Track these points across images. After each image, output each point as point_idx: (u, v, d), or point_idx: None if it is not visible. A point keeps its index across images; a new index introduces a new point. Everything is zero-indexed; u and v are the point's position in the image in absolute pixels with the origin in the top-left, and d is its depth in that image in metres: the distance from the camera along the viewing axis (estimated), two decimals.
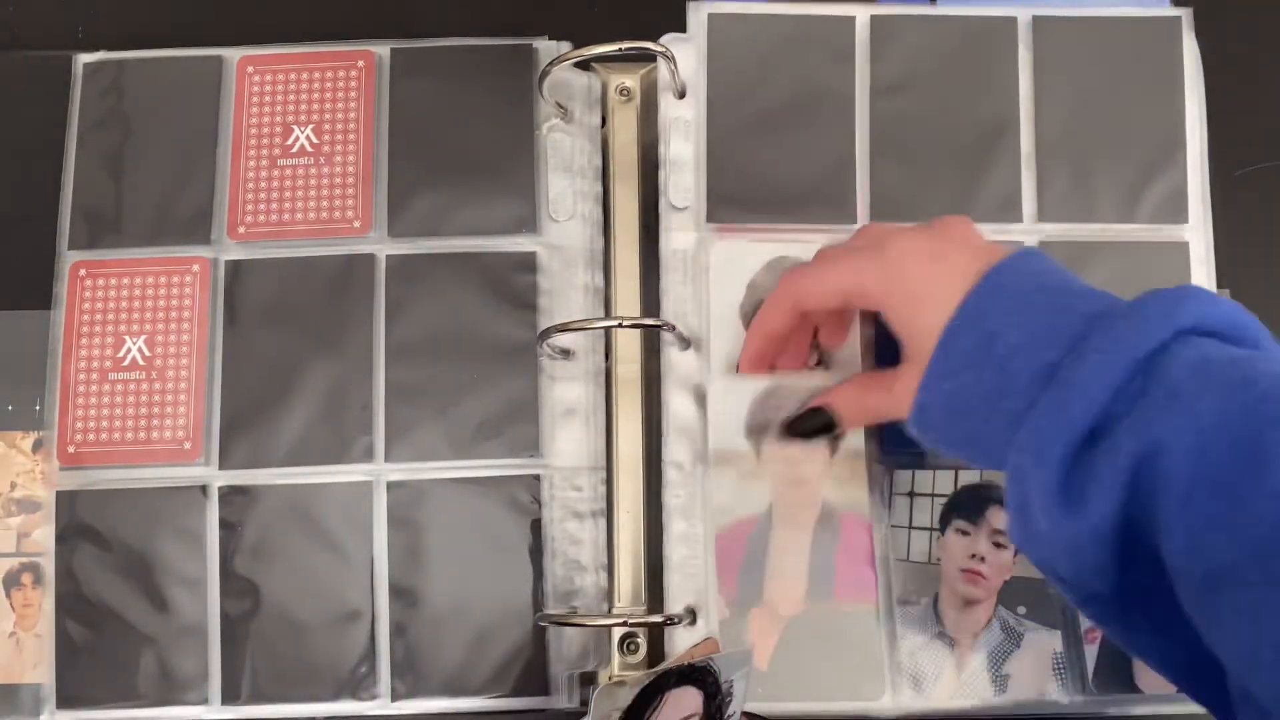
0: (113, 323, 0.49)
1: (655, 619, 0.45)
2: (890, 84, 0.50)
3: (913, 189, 0.49)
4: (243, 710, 0.46)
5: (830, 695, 0.45)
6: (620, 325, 0.48)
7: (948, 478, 0.47)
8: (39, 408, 0.49)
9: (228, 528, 0.47)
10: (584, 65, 0.50)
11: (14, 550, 0.48)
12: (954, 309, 0.37)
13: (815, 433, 0.45)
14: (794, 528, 0.46)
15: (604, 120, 0.51)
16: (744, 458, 0.46)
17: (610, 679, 0.46)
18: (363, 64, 0.51)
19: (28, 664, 0.47)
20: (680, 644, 0.46)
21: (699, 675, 0.42)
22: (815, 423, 0.45)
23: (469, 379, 0.48)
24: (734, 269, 0.48)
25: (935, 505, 0.47)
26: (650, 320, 0.47)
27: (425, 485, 0.47)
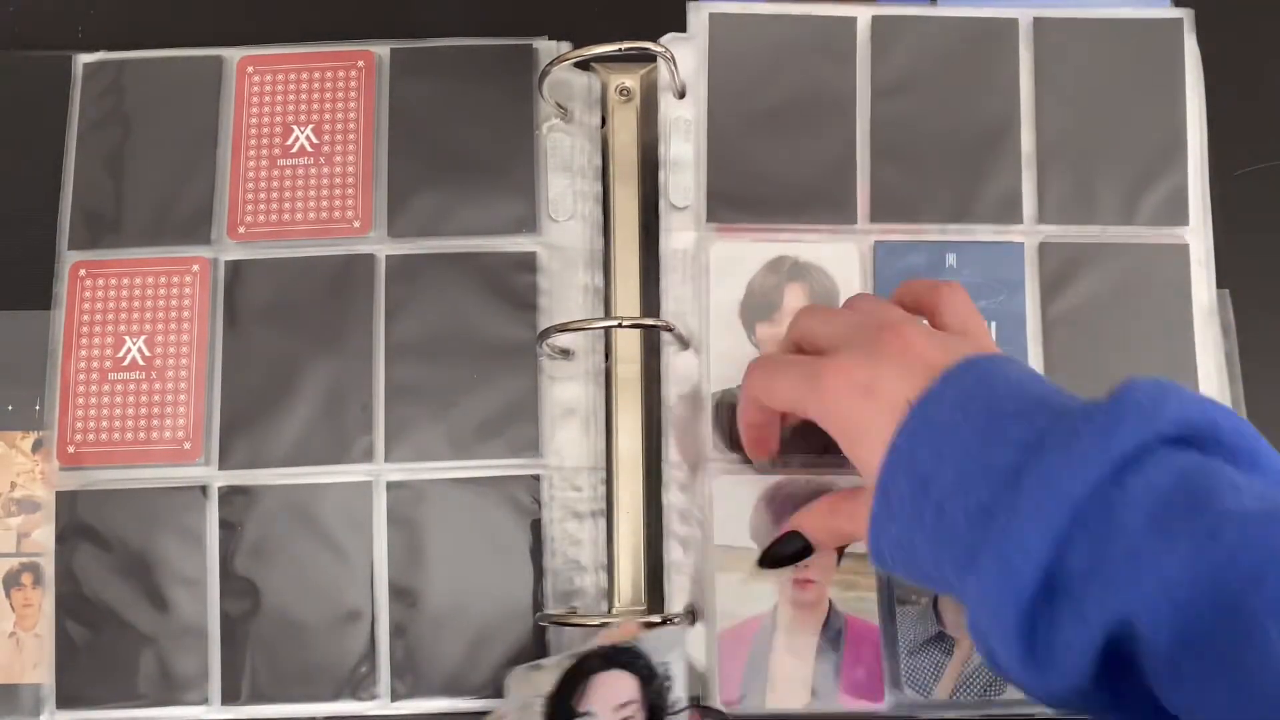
0: (113, 323, 0.49)
1: (655, 619, 0.45)
2: (891, 85, 0.50)
3: (913, 189, 0.49)
4: (243, 710, 0.46)
5: None
6: (620, 325, 0.48)
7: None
8: (39, 408, 0.49)
9: (228, 528, 0.47)
10: (584, 65, 0.50)
11: (14, 550, 0.48)
12: (886, 449, 0.35)
13: (792, 558, 0.43)
14: (799, 630, 0.45)
15: (604, 120, 0.51)
16: (749, 556, 0.46)
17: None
18: (363, 64, 0.51)
19: (28, 664, 0.47)
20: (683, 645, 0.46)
21: (625, 658, 0.41)
22: (790, 547, 0.43)
23: (469, 379, 0.48)
24: (734, 269, 0.48)
25: None
26: (650, 320, 0.47)
27: (425, 485, 0.47)
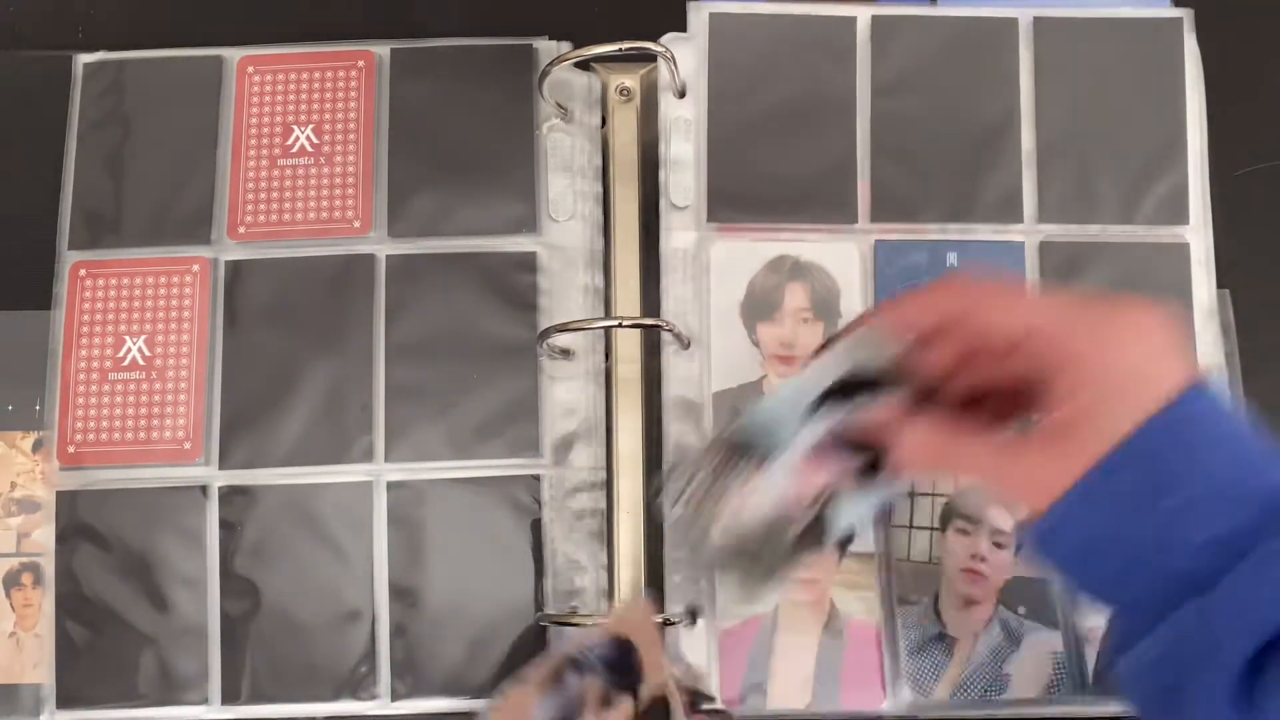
0: (113, 323, 0.49)
1: (655, 619, 0.45)
2: (891, 84, 0.50)
3: (913, 189, 0.49)
4: (243, 710, 0.46)
5: None
6: (620, 325, 0.48)
7: (948, 478, 0.47)
8: (39, 408, 0.49)
9: (228, 528, 0.47)
10: (584, 65, 0.50)
11: (14, 550, 0.48)
12: (1164, 403, 0.32)
13: (860, 457, 0.38)
14: (800, 630, 0.46)
15: (604, 120, 0.51)
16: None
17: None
18: (363, 64, 0.51)
19: (28, 664, 0.47)
20: (680, 644, 0.46)
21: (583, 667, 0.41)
22: (864, 449, 0.38)
23: (469, 379, 0.48)
24: (734, 268, 0.48)
25: (935, 505, 0.47)
26: (650, 320, 0.47)
27: (425, 485, 0.47)
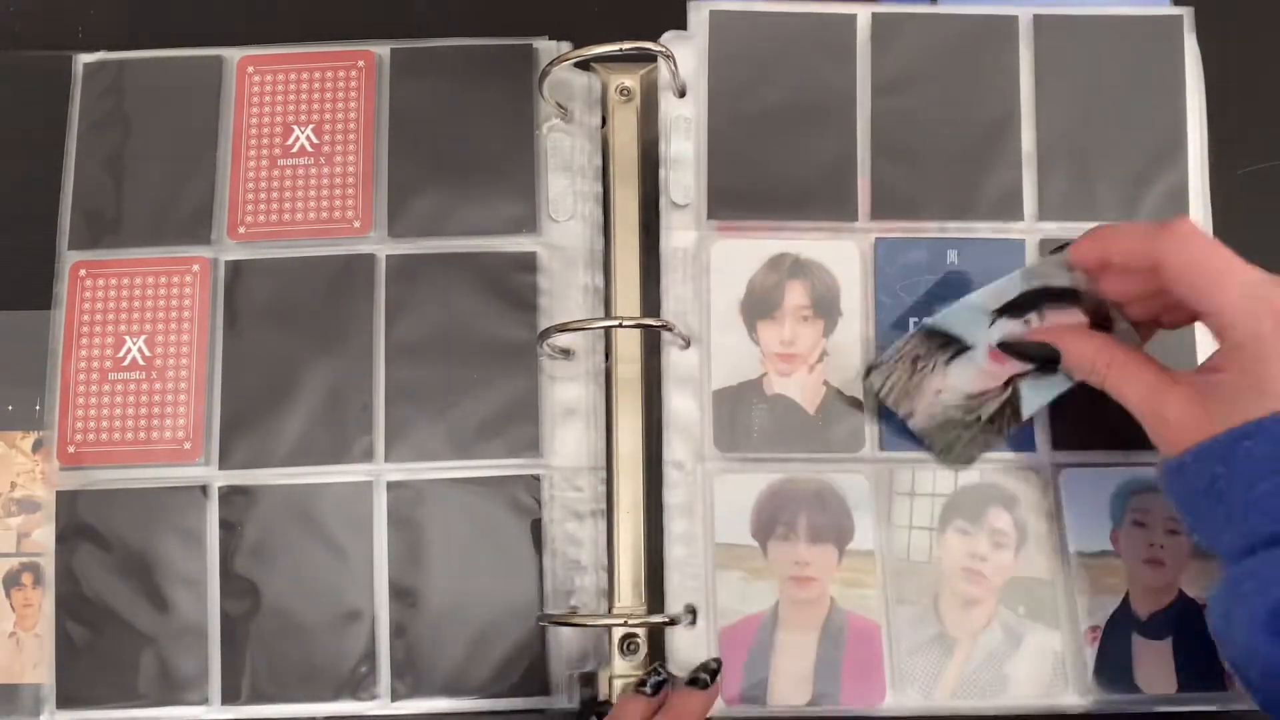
0: (113, 323, 0.49)
1: (655, 619, 0.45)
2: (891, 82, 0.50)
3: (913, 187, 0.49)
4: (243, 710, 0.46)
5: None
6: (620, 325, 0.48)
7: (948, 478, 0.47)
8: (39, 408, 0.49)
9: (228, 528, 0.47)
10: (584, 65, 0.50)
11: (14, 550, 0.48)
12: None
13: (1030, 359, 0.43)
14: (800, 627, 0.46)
15: (604, 120, 0.51)
16: (750, 554, 0.46)
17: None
18: (363, 64, 0.51)
19: (28, 664, 0.47)
20: (680, 644, 0.46)
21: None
22: (1038, 351, 0.43)
23: (469, 379, 0.48)
24: (735, 267, 0.48)
25: (935, 505, 0.47)
26: (650, 320, 0.47)
27: (425, 485, 0.47)
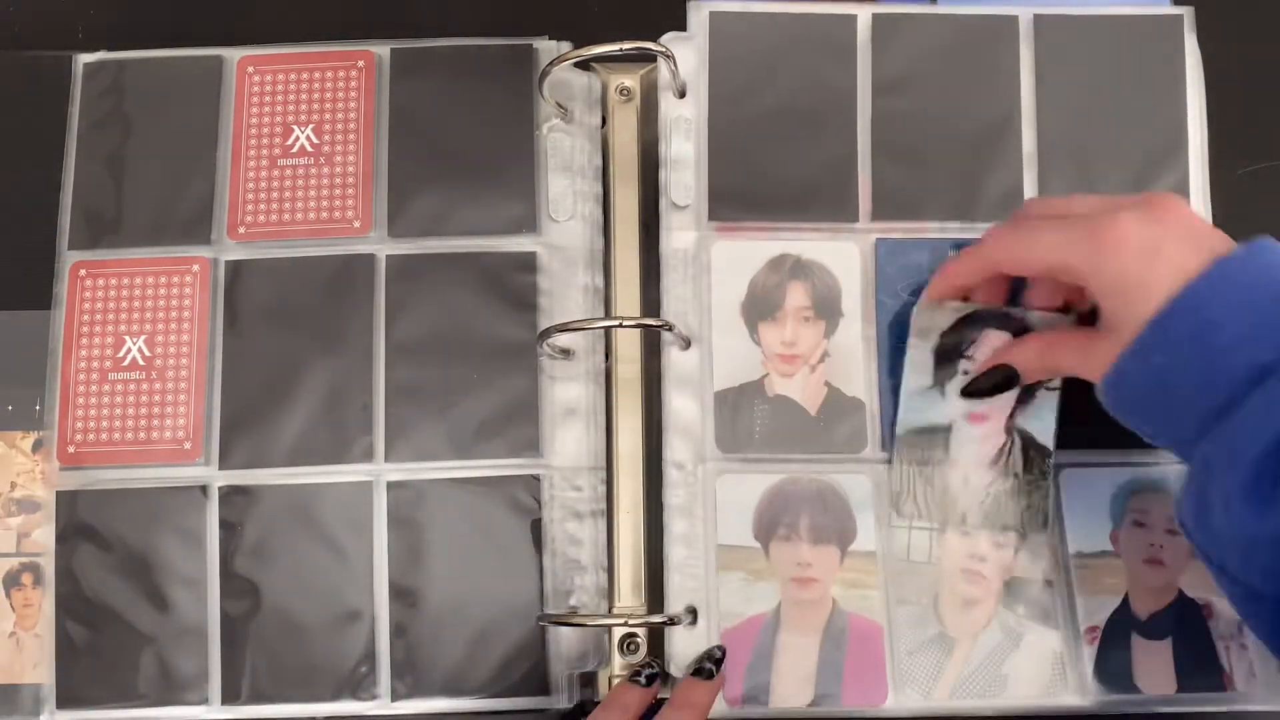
0: (113, 323, 0.49)
1: (655, 619, 0.45)
2: (891, 83, 0.50)
3: (914, 188, 0.49)
4: (243, 710, 0.46)
5: None
6: (620, 325, 0.48)
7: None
8: (39, 408, 0.49)
9: (228, 528, 0.47)
10: (584, 65, 0.50)
11: (14, 550, 0.48)
12: (1164, 301, 0.36)
13: (995, 389, 0.44)
14: (802, 629, 0.46)
15: (604, 120, 0.51)
16: (752, 555, 0.46)
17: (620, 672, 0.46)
18: (363, 64, 0.51)
19: (28, 664, 0.47)
20: (680, 644, 0.46)
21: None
22: (994, 379, 0.44)
23: (469, 379, 0.48)
24: (735, 268, 0.48)
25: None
26: (650, 320, 0.47)
27: (425, 485, 0.47)
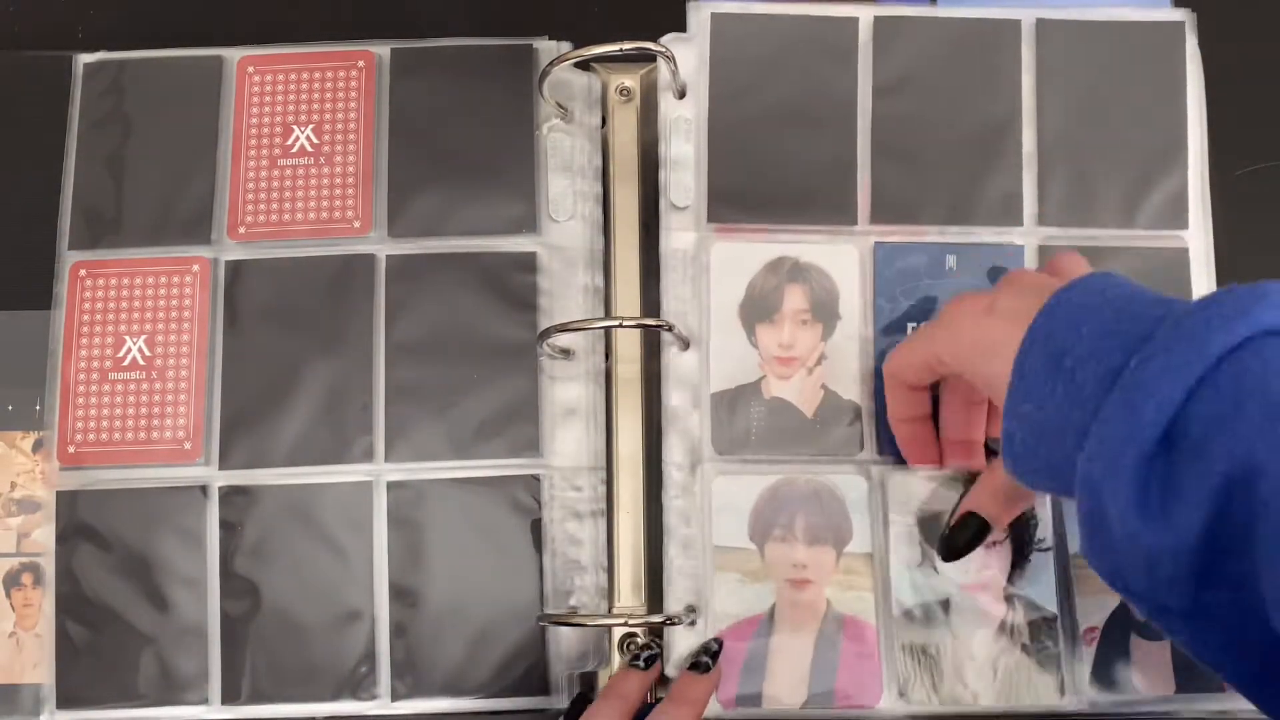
0: (113, 323, 0.49)
1: (655, 619, 0.45)
2: (892, 85, 0.50)
3: (914, 190, 0.49)
4: (243, 710, 0.46)
5: None
6: (620, 325, 0.48)
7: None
8: (39, 408, 0.49)
9: (228, 528, 0.47)
10: (584, 65, 0.50)
11: (14, 550, 0.48)
12: (1016, 350, 0.36)
13: (973, 542, 0.44)
14: (797, 630, 0.46)
15: (604, 120, 0.51)
16: (747, 557, 0.46)
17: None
18: (363, 64, 0.51)
19: (28, 664, 0.47)
20: (680, 644, 0.46)
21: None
22: (967, 533, 0.44)
23: (469, 379, 0.48)
24: (734, 269, 0.48)
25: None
26: (650, 320, 0.47)
27: (425, 485, 0.47)
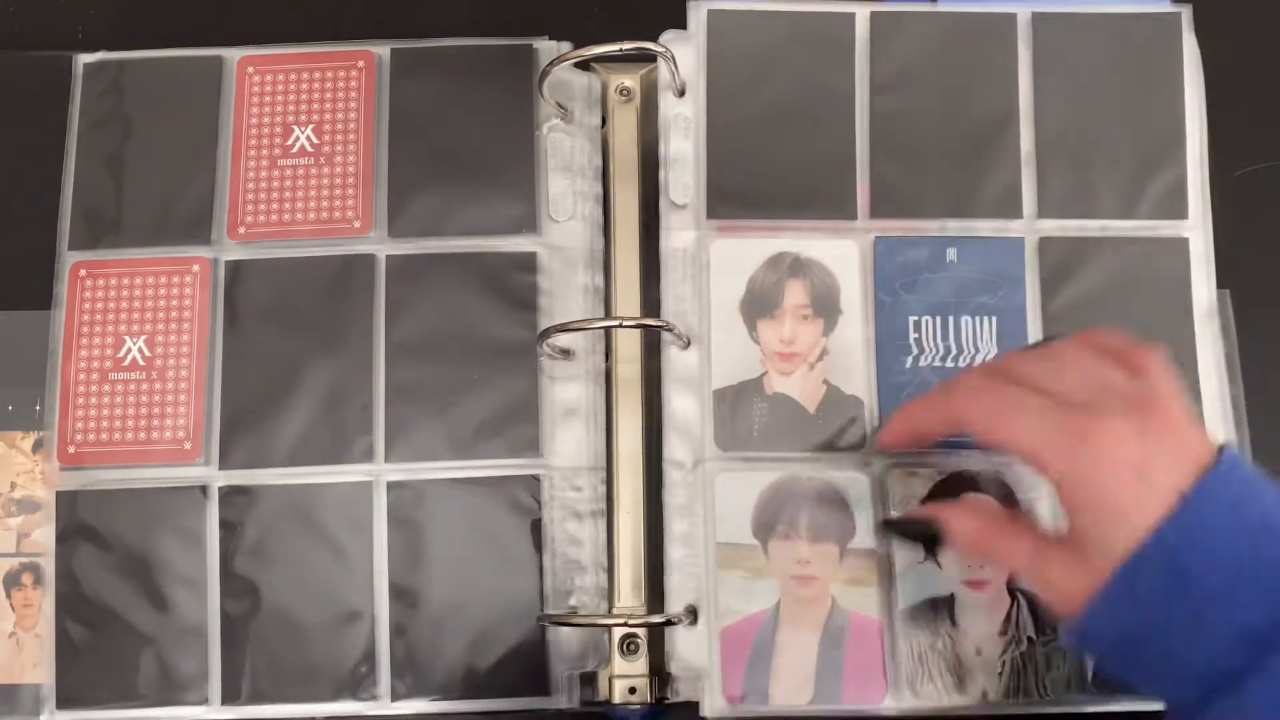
0: (113, 323, 0.49)
1: (655, 619, 0.45)
2: (890, 81, 0.50)
3: (913, 185, 0.49)
4: (243, 710, 0.46)
5: None
6: (620, 325, 0.48)
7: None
8: (39, 408, 0.49)
9: (228, 528, 0.47)
10: (584, 65, 0.50)
11: (14, 550, 0.48)
12: (1146, 533, 0.33)
13: (914, 539, 0.43)
14: (802, 626, 0.45)
15: (604, 120, 0.51)
16: (751, 553, 0.46)
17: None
18: (363, 64, 0.51)
19: (28, 664, 0.47)
20: (680, 644, 0.46)
21: None
22: (912, 531, 0.43)
23: (469, 379, 0.48)
24: (734, 266, 0.48)
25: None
26: (650, 320, 0.47)
27: (425, 485, 0.47)
